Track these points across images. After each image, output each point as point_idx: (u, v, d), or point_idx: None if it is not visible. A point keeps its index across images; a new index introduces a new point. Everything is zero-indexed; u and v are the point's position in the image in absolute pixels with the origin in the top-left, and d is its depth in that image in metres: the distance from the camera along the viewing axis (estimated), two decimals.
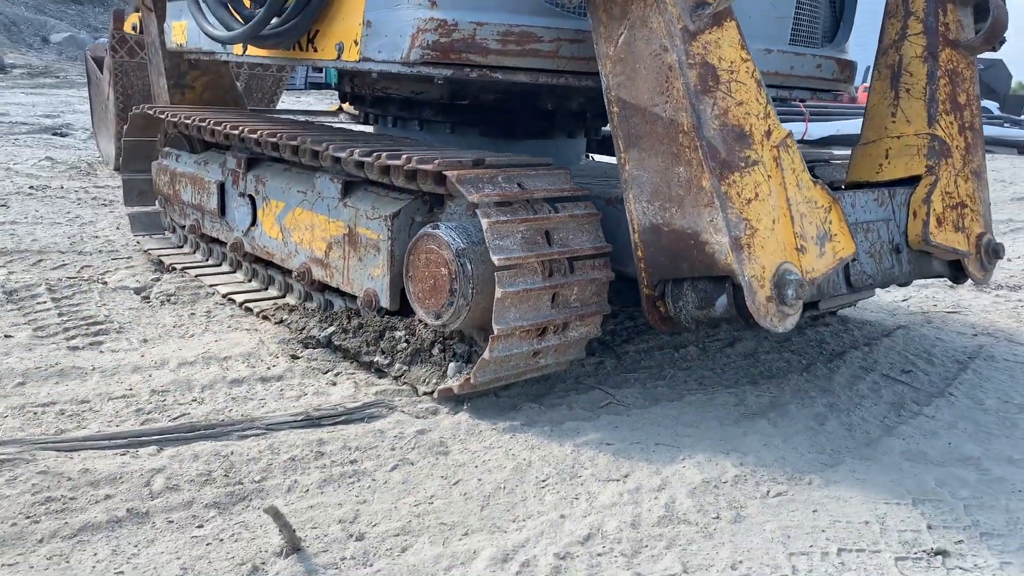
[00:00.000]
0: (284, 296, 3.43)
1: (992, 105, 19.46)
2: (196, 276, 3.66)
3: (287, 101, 12.16)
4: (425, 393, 2.54)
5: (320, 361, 2.79)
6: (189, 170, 3.83)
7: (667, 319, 2.42)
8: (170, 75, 4.37)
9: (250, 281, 3.63)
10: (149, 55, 4.49)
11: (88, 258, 3.98)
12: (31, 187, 5.52)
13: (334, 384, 2.61)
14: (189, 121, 3.63)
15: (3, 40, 26.37)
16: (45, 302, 3.26)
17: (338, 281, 3.00)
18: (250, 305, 3.32)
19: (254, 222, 3.44)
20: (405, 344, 2.70)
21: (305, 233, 3.14)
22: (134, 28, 6.29)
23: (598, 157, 4.34)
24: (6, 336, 2.86)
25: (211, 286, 3.55)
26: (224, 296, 3.44)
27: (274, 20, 2.81)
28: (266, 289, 3.52)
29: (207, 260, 3.91)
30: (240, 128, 3.27)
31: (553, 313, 2.41)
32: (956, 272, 2.94)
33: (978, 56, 2.99)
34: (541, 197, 2.45)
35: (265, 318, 3.21)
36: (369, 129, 3.97)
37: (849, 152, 3.16)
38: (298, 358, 2.80)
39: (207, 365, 2.70)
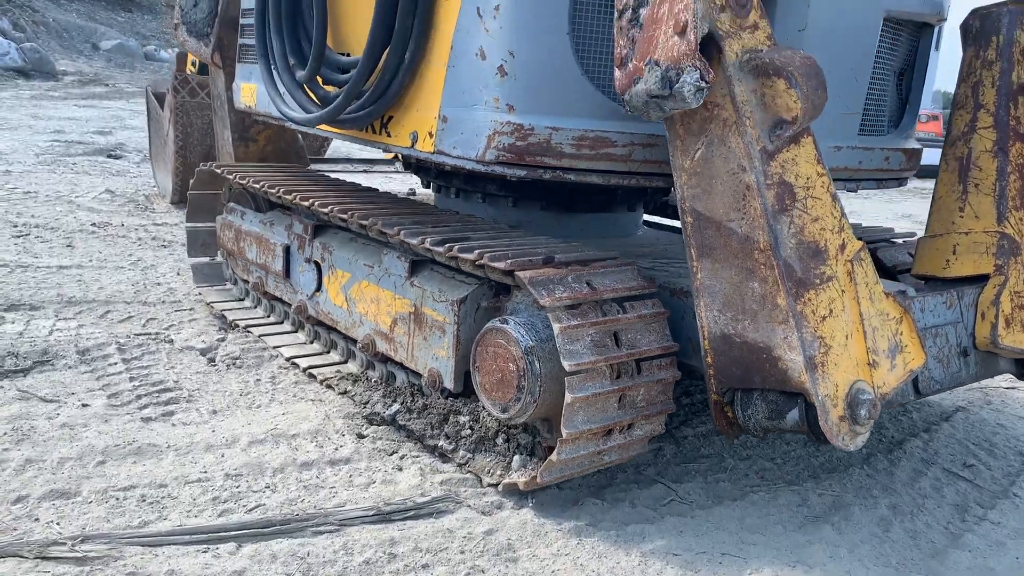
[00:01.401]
0: (346, 361, 3.49)
1: None
2: (259, 336, 3.74)
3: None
4: (490, 484, 2.58)
5: (385, 440, 2.84)
6: (255, 229, 3.91)
7: (734, 424, 2.43)
8: (235, 129, 4.47)
9: (312, 343, 3.70)
10: (214, 107, 4.59)
11: (152, 309, 4.08)
12: (93, 224, 5.66)
13: (400, 470, 2.66)
14: (257, 185, 3.71)
15: (55, 47, 26.97)
16: (116, 363, 3.35)
17: (402, 356, 3.06)
18: (314, 371, 3.39)
19: (319, 288, 3.51)
20: (469, 431, 2.74)
21: (370, 306, 3.20)
22: (193, 65, 6.44)
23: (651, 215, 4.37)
24: (84, 405, 2.95)
25: (275, 348, 3.63)
26: (288, 359, 3.51)
27: (351, 104, 2.87)
28: (328, 352, 3.59)
29: (269, 316, 3.99)
30: (310, 200, 3.33)
31: (620, 414, 2.44)
32: (1022, 369, 2.93)
33: None
34: (610, 297, 2.49)
35: (329, 387, 3.27)
36: (429, 192, 4.04)
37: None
38: (364, 437, 2.86)
39: (276, 444, 2.77)
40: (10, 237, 5.17)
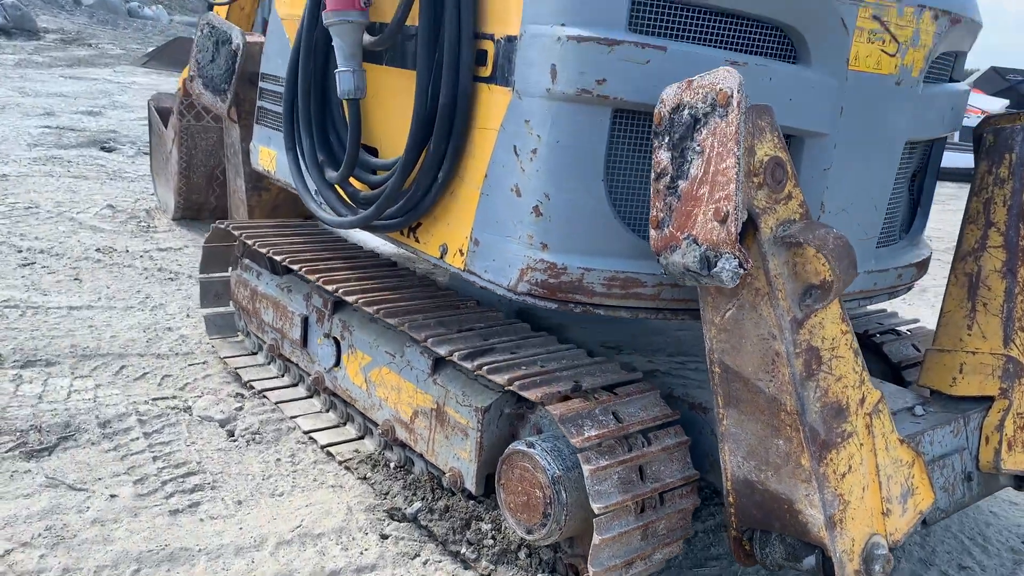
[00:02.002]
0: (363, 437, 3.57)
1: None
2: (276, 403, 3.80)
3: None
4: None
5: (408, 541, 2.94)
6: (271, 292, 3.96)
7: (751, 556, 2.54)
8: (248, 179, 4.48)
9: (328, 411, 3.77)
10: (227, 154, 4.60)
11: (166, 364, 4.13)
12: (98, 249, 5.66)
13: None
14: (277, 257, 3.74)
15: (37, 1, 26.44)
16: (138, 438, 3.42)
17: (422, 449, 3.14)
18: (332, 451, 3.46)
19: (337, 363, 3.57)
20: (491, 540, 2.84)
21: (391, 392, 3.27)
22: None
23: None
24: (112, 496, 3.01)
25: (292, 418, 3.69)
26: (305, 433, 3.58)
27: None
28: (344, 425, 3.67)
29: (283, 376, 4.05)
30: (333, 287, 3.37)
31: (642, 545, 2.54)
32: (1021, 482, 3.06)
33: None
34: (636, 430, 2.57)
35: (348, 469, 3.35)
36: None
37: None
38: (387, 537, 2.95)
39: (303, 546, 2.85)
40: (16, 267, 5.18)
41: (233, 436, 3.54)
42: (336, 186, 3.09)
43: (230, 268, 4.38)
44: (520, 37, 2.49)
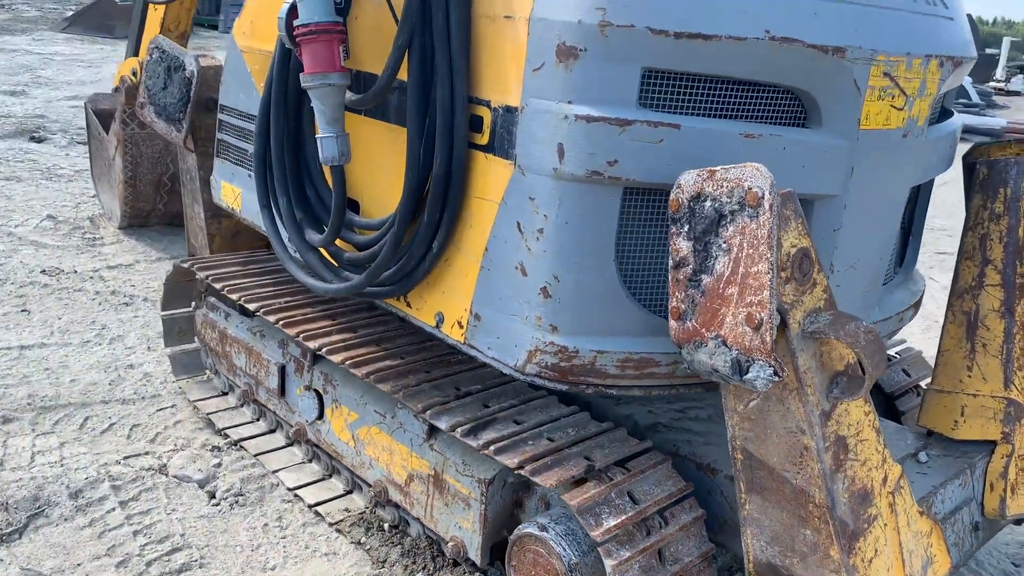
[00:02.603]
0: (351, 492, 3.45)
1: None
2: (255, 456, 3.64)
3: None
4: None
5: None
6: (242, 336, 3.77)
7: None
8: (208, 207, 4.24)
9: (310, 461, 3.63)
10: (183, 179, 4.34)
11: (133, 411, 3.93)
12: (43, 271, 5.36)
13: None
14: (248, 305, 3.55)
15: None
16: (114, 509, 3.24)
17: (419, 513, 3.03)
18: (320, 510, 3.33)
19: (320, 416, 3.43)
20: None
21: (382, 453, 3.15)
22: (134, 73, 6.02)
23: None
24: None
25: (274, 472, 3.54)
26: (290, 490, 3.44)
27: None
28: (330, 477, 3.53)
29: (259, 420, 3.88)
30: (316, 343, 3.21)
31: None
32: (1020, 521, 3.08)
33: None
34: (653, 512, 2.50)
35: (340, 532, 3.23)
36: None
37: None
38: None
39: None
40: None
41: (215, 498, 3.38)
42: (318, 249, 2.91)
43: (193, 304, 4.17)
44: (521, 110, 2.34)
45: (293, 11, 2.57)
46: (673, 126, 2.23)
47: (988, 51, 29.85)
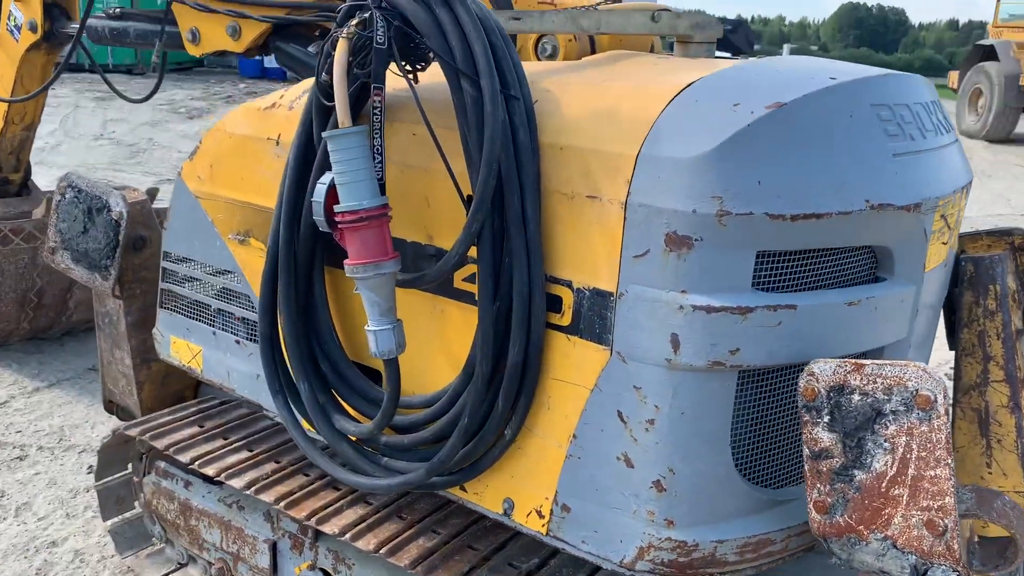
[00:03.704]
0: None
1: None
2: None
3: None
4: None
5: None
6: (211, 508, 3.33)
7: None
8: (136, 353, 3.73)
9: None
10: (99, 322, 3.78)
11: None
12: None
13: None
14: (226, 481, 3.12)
15: None
16: None
17: None
18: None
19: None
20: None
21: None
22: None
23: None
24: None
25: None
26: None
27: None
28: None
29: None
30: (317, 521, 2.85)
31: None
32: None
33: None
34: None
35: None
36: None
37: None
38: None
39: None
40: None
41: None
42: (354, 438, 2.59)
43: (131, 466, 3.65)
44: (619, 297, 2.16)
45: (332, 193, 2.25)
46: (790, 307, 2.14)
47: None
